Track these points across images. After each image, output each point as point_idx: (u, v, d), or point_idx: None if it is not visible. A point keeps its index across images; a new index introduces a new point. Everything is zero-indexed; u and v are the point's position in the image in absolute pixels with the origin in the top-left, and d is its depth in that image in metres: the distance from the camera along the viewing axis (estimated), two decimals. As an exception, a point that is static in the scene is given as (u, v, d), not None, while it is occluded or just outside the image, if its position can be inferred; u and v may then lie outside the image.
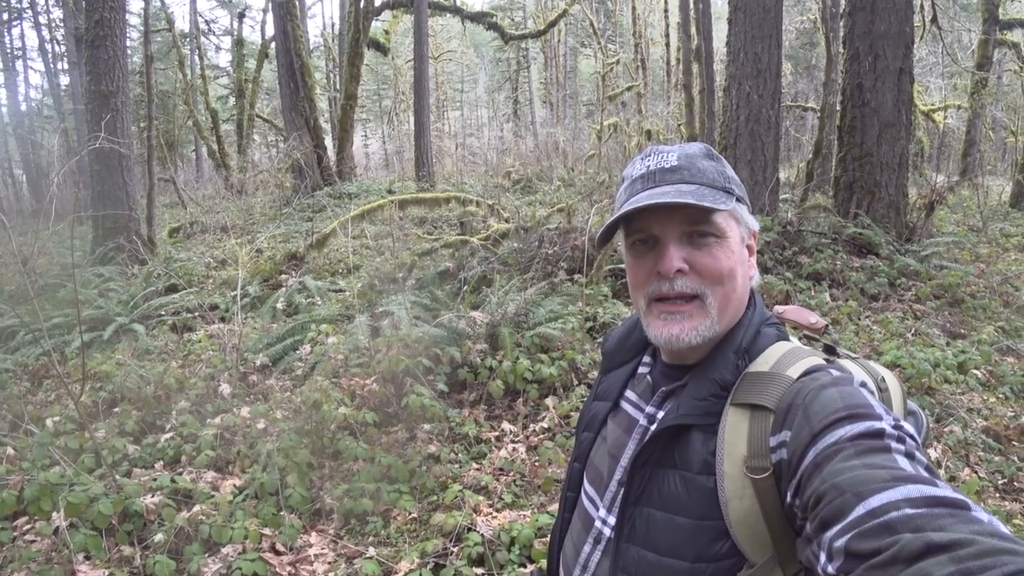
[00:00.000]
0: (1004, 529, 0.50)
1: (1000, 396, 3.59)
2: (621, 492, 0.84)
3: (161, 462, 3.30)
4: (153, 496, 2.91)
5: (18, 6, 22.22)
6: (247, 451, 3.16)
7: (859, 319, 4.87)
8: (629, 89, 17.38)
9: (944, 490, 0.54)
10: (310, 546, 2.48)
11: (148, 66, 8.80)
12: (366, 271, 7.39)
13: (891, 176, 6.54)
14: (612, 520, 0.84)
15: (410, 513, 2.60)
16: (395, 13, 15.09)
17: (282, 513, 2.55)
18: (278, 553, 2.54)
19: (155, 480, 3.01)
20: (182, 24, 23.93)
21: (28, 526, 2.83)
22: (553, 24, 16.55)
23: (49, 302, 6.64)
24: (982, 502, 2.61)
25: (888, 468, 0.57)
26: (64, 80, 22.01)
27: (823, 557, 0.57)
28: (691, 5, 8.71)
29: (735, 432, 0.74)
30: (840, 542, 0.54)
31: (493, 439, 3.16)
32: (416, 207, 8.87)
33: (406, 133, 21.20)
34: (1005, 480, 2.84)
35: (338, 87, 20.75)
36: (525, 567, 2.22)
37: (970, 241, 7.08)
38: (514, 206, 8.92)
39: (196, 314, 6.30)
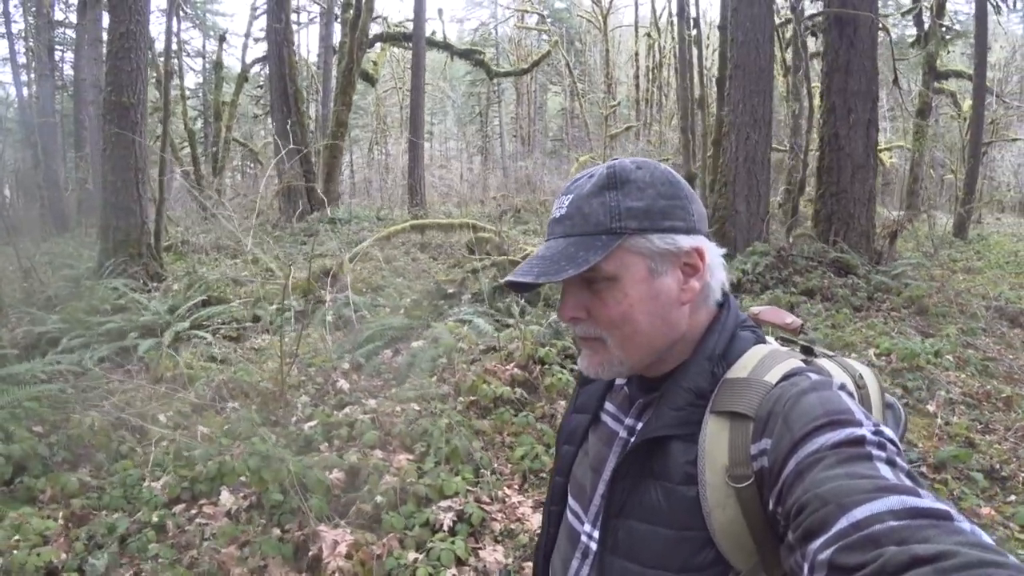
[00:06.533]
0: (986, 539, 0.50)
1: (968, 373, 4.80)
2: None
3: (326, 444, 3.69)
4: (331, 472, 3.06)
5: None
6: (406, 430, 3.73)
7: (852, 323, 5.92)
8: (628, 129, 18.72)
9: (927, 500, 0.54)
10: (508, 498, 3.11)
11: (166, 81, 9.06)
12: (394, 289, 7.91)
13: (862, 209, 7.75)
14: (597, 534, 0.84)
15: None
16: (384, 46, 15.81)
17: (482, 471, 3.17)
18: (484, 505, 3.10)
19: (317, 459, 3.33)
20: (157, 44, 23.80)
21: (191, 510, 2.87)
22: (537, 63, 17.69)
23: (81, 311, 6.59)
24: (972, 435, 3.78)
25: (870, 478, 0.57)
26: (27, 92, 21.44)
27: (806, 568, 0.56)
28: (693, 60, 10.01)
29: (715, 441, 0.73)
30: (824, 555, 0.54)
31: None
32: (432, 232, 9.55)
33: (384, 164, 21.63)
34: (982, 425, 4.09)
35: (315, 114, 21.15)
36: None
37: (925, 265, 8.39)
38: (512, 233, 9.68)
39: (244, 325, 6.68)
